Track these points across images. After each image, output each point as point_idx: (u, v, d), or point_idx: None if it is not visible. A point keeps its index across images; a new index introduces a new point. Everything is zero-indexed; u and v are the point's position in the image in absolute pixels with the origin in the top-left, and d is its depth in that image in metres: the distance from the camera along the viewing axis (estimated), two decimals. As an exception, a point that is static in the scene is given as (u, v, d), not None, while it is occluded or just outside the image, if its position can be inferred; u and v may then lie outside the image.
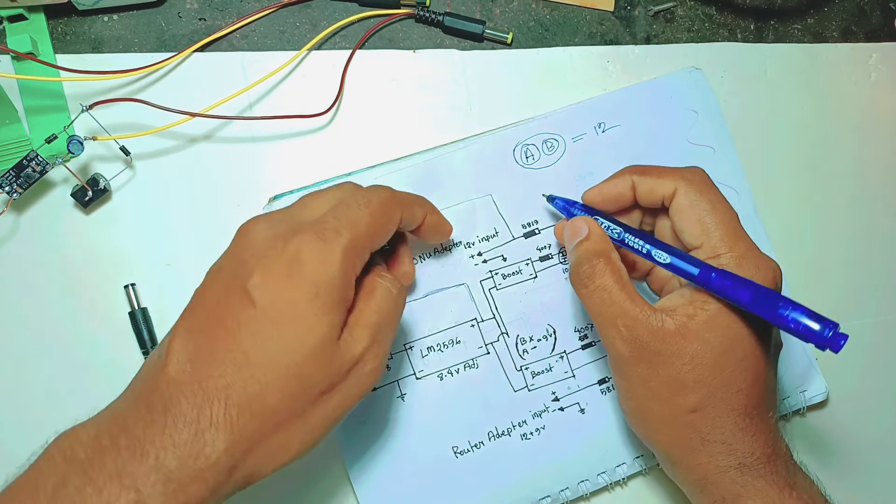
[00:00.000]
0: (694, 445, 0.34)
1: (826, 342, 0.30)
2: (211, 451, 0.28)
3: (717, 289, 0.33)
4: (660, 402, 0.34)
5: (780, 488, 0.33)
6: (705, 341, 0.33)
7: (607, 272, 0.35)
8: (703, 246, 0.35)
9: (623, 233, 0.36)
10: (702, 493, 0.35)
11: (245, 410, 0.29)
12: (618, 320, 0.34)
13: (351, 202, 0.33)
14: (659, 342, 0.33)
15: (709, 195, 0.35)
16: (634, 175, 0.37)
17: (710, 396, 0.33)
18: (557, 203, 0.41)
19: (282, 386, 0.29)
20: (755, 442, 0.34)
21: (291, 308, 0.30)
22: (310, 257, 0.30)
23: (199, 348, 0.29)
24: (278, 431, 0.30)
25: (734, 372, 0.33)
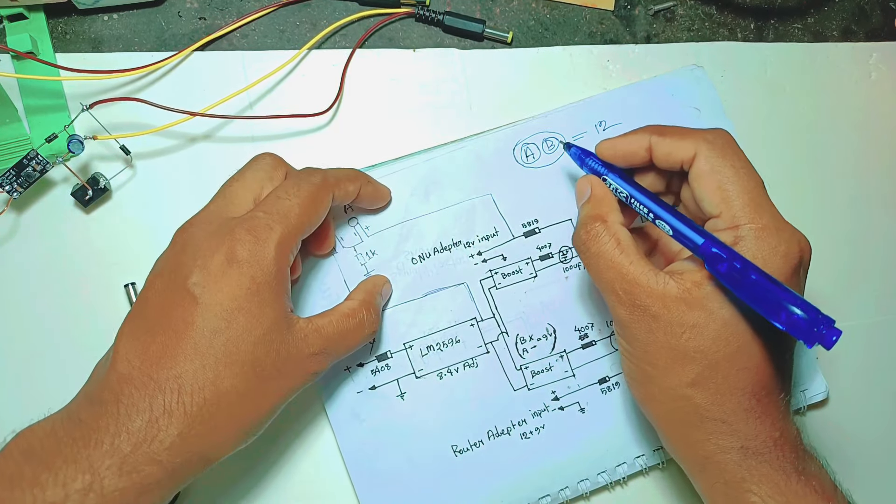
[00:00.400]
0: (691, 420, 0.32)
1: (815, 338, 0.28)
2: (165, 435, 0.29)
3: (710, 265, 0.31)
4: (658, 369, 0.33)
5: (787, 474, 0.31)
6: (710, 311, 0.31)
7: (604, 236, 0.34)
8: (723, 215, 0.32)
9: (631, 195, 0.35)
10: (702, 474, 0.34)
11: (198, 396, 0.30)
12: (615, 284, 0.33)
13: (281, 193, 0.34)
14: (659, 306, 0.32)
15: (732, 160, 0.33)
16: (653, 135, 0.35)
17: (712, 370, 0.31)
18: (573, 152, 0.39)
19: (235, 371, 0.31)
20: (761, 425, 0.32)
21: (234, 302, 0.31)
22: (245, 255, 0.32)
23: (146, 346, 0.31)
24: (232, 414, 0.31)
25: (741, 348, 0.31)
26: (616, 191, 0.36)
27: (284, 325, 0.33)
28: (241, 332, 0.31)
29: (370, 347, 0.41)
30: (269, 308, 0.32)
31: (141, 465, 0.29)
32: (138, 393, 0.30)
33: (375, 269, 0.41)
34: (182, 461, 0.30)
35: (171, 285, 0.32)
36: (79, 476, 0.28)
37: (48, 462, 0.28)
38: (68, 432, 0.29)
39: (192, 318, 0.31)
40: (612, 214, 0.35)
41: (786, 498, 0.31)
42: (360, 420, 0.41)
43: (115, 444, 0.29)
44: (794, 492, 0.31)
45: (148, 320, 0.32)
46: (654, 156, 0.35)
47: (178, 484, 0.31)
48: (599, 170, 0.37)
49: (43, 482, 0.27)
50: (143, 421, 0.29)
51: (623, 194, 0.35)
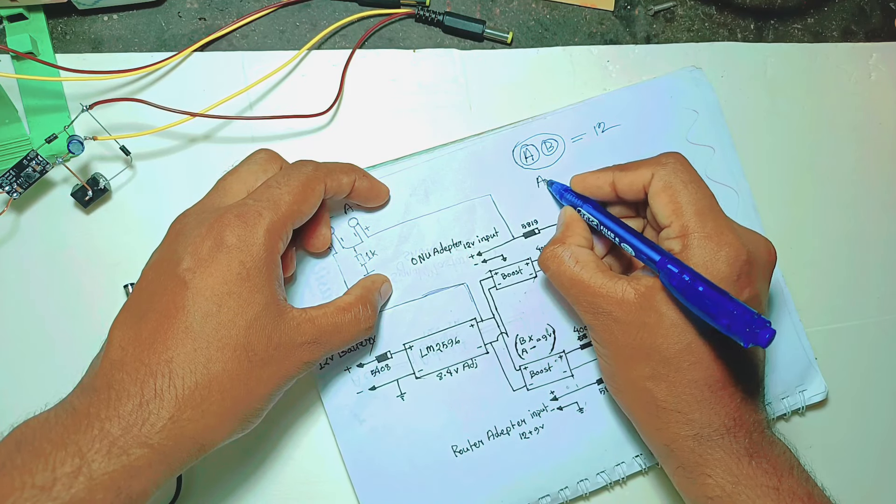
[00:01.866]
0: (651, 410, 0.36)
1: (749, 337, 0.30)
2: (156, 419, 0.30)
3: (664, 279, 0.34)
4: (621, 366, 0.36)
5: (738, 458, 0.34)
6: (660, 313, 0.34)
7: (562, 255, 0.37)
8: (673, 225, 0.36)
9: (601, 223, 0.38)
10: (666, 458, 0.37)
11: (189, 380, 0.30)
12: (578, 296, 0.37)
13: (272, 182, 0.35)
14: (620, 311, 0.35)
15: (682, 175, 0.36)
16: (616, 171, 0.38)
17: (664, 365, 0.35)
18: (555, 188, 0.42)
19: (227, 355, 0.31)
20: (714, 414, 0.34)
21: (224, 286, 0.31)
22: (234, 240, 0.32)
23: (139, 333, 0.31)
24: (224, 398, 0.31)
25: (690, 345, 0.34)
26: (589, 220, 0.39)
27: (276, 312, 0.33)
28: (233, 315, 0.31)
29: (370, 348, 0.41)
30: (259, 293, 0.32)
31: (131, 448, 0.29)
32: (129, 378, 0.30)
33: (375, 269, 0.42)
34: (174, 444, 0.30)
35: (164, 273, 0.32)
36: (68, 460, 0.28)
37: (39, 449, 0.28)
38: (60, 420, 0.29)
39: (182, 302, 0.31)
40: (572, 237, 0.39)
41: (736, 478, 0.34)
42: (360, 420, 0.41)
43: (104, 428, 0.29)
44: (745, 474, 0.34)
45: (140, 307, 0.32)
46: (619, 189, 0.38)
47: (172, 469, 0.31)
48: (575, 202, 0.40)
49: (32, 468, 0.28)
50: (133, 405, 0.29)
51: (594, 222, 0.39)
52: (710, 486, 0.34)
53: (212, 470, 0.42)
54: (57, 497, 0.27)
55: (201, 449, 0.31)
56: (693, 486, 0.35)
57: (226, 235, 0.32)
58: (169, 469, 0.31)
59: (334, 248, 0.41)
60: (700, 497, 0.35)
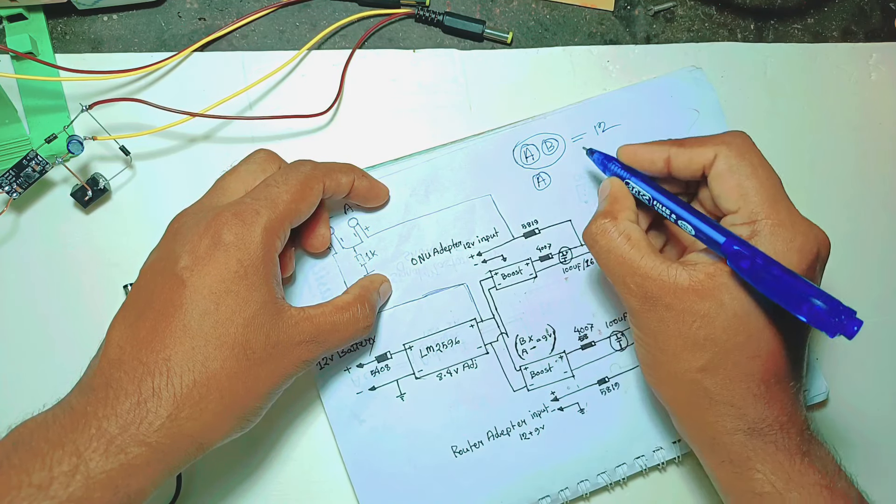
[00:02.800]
0: (701, 403, 0.34)
1: (837, 328, 0.29)
2: (154, 417, 0.30)
3: (733, 262, 0.32)
4: (669, 356, 0.34)
5: (790, 454, 0.33)
6: (721, 303, 0.32)
7: (613, 231, 0.35)
8: (741, 211, 0.34)
9: (653, 197, 0.36)
10: (710, 453, 0.35)
11: (187, 378, 0.30)
12: (626, 277, 0.34)
13: (270, 181, 0.35)
14: (670, 296, 0.33)
15: (750, 158, 0.34)
16: (673, 147, 0.36)
17: (722, 357, 0.33)
18: (596, 157, 0.40)
19: (225, 353, 0.31)
20: (768, 409, 0.33)
21: (222, 285, 0.31)
22: (231, 238, 0.32)
23: (137, 331, 0.31)
24: (222, 397, 0.31)
25: (751, 338, 0.32)
26: (638, 193, 0.37)
27: (274, 310, 0.33)
28: (230, 313, 0.31)
29: (370, 348, 0.41)
30: (256, 291, 0.32)
31: (129, 446, 0.29)
32: (127, 377, 0.30)
33: (375, 269, 0.41)
34: (172, 443, 0.30)
35: (162, 272, 0.32)
36: (65, 459, 0.28)
37: (36, 448, 0.28)
38: (58, 420, 0.29)
39: (180, 300, 0.31)
40: (623, 212, 0.36)
41: (788, 475, 0.33)
42: (360, 421, 0.41)
43: (102, 426, 0.29)
44: (796, 471, 0.33)
45: (138, 306, 0.32)
46: (674, 166, 0.36)
47: (171, 467, 0.31)
48: (622, 174, 0.38)
49: (30, 467, 0.28)
50: (131, 403, 0.29)
51: (646, 197, 0.36)
52: (759, 481, 0.33)
53: (212, 470, 0.42)
54: (54, 496, 0.27)
55: (200, 448, 0.31)
56: (739, 482, 0.34)
57: (223, 234, 0.32)
58: (167, 468, 0.30)
59: (334, 248, 0.41)
60: (747, 493, 0.34)
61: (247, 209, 0.33)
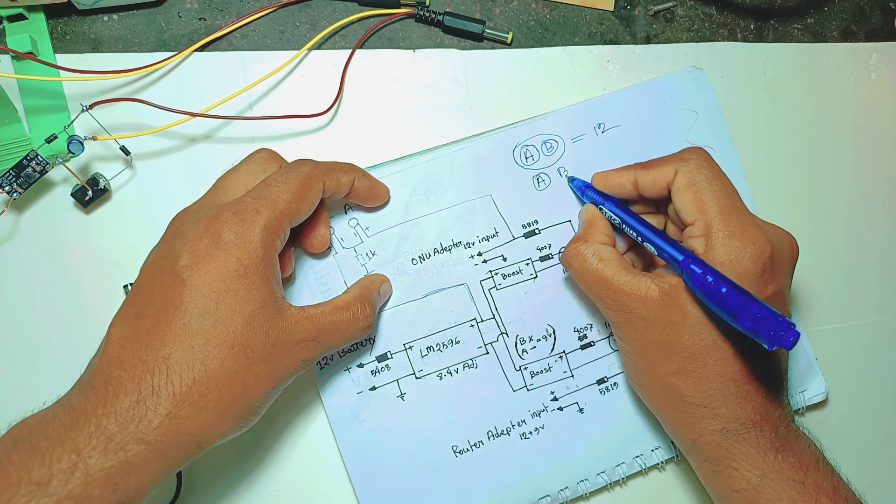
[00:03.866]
0: (677, 406, 0.36)
1: (774, 340, 0.30)
2: (153, 415, 0.30)
3: (686, 280, 0.34)
4: (646, 362, 0.37)
5: (764, 452, 0.34)
6: (686, 310, 0.34)
7: (585, 253, 0.38)
8: (696, 223, 0.36)
9: (623, 221, 0.38)
10: (692, 452, 0.37)
11: (187, 376, 0.30)
12: (602, 293, 0.37)
13: (270, 181, 0.35)
14: (644, 309, 0.35)
15: (705, 172, 0.36)
16: (638, 170, 0.39)
17: (690, 361, 0.35)
18: (576, 185, 0.42)
19: (224, 352, 0.31)
20: (740, 408, 0.35)
21: (221, 283, 0.32)
22: (231, 237, 0.32)
23: (137, 330, 0.31)
24: (222, 396, 0.31)
25: (716, 341, 0.34)
26: (611, 218, 0.40)
27: (273, 309, 0.33)
28: (230, 312, 0.31)
29: (370, 348, 0.41)
30: (256, 290, 0.32)
31: (128, 444, 0.29)
32: (127, 375, 0.30)
33: (375, 269, 0.42)
34: (171, 441, 0.30)
35: (162, 270, 0.32)
36: (64, 456, 0.28)
37: (35, 446, 0.28)
38: (57, 417, 0.29)
39: (180, 299, 0.31)
40: (594, 235, 0.39)
41: (762, 471, 0.34)
42: (360, 421, 0.41)
43: (101, 424, 0.29)
44: (770, 467, 0.34)
45: (139, 305, 0.32)
46: (641, 187, 0.39)
47: (170, 465, 0.31)
48: (596, 199, 0.41)
49: (29, 464, 0.28)
50: (130, 401, 0.30)
51: (616, 220, 0.39)
52: (736, 479, 0.35)
53: (212, 469, 0.42)
54: (53, 493, 0.27)
55: (199, 446, 0.31)
56: (719, 480, 0.36)
57: (223, 232, 0.32)
58: (166, 465, 0.31)
59: (334, 248, 0.41)
60: (726, 490, 0.35)
61: (247, 208, 0.33)
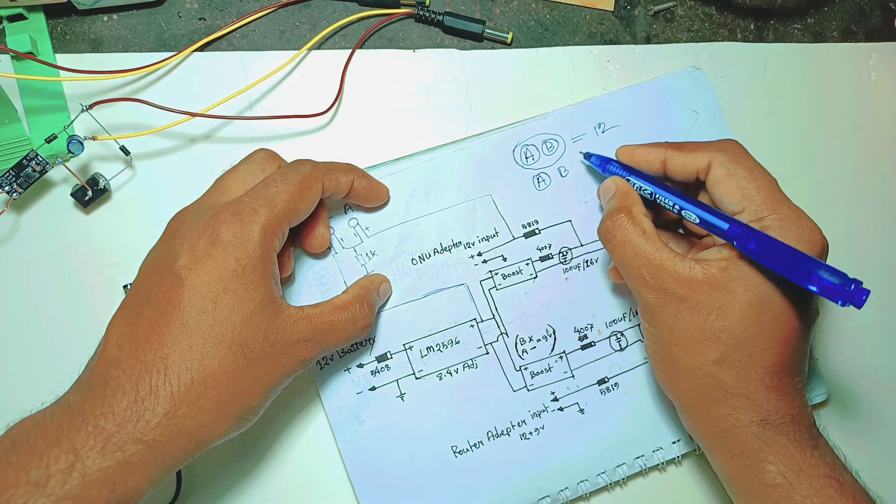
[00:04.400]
0: (715, 396, 0.34)
1: (847, 297, 0.29)
2: (151, 416, 0.30)
3: (740, 244, 0.32)
4: (683, 349, 0.34)
5: (801, 447, 0.33)
6: (734, 294, 0.33)
7: (629, 225, 0.36)
8: (746, 210, 0.35)
9: (655, 192, 0.37)
10: (721, 446, 0.35)
11: (185, 376, 0.30)
12: (642, 270, 0.35)
13: (269, 180, 0.35)
14: (685, 289, 0.34)
15: (745, 162, 0.35)
16: (669, 150, 0.37)
17: (736, 349, 0.33)
18: (593, 160, 0.41)
19: (223, 352, 0.31)
20: (780, 401, 0.34)
21: (219, 283, 0.31)
22: (229, 237, 0.32)
23: (135, 330, 0.31)
24: (220, 395, 0.31)
25: (764, 329, 0.33)
26: (640, 189, 0.38)
27: (272, 309, 0.33)
28: (228, 312, 0.31)
29: (370, 348, 0.41)
30: (254, 290, 0.32)
31: (126, 444, 0.29)
32: (125, 375, 0.30)
33: (375, 269, 0.41)
34: (169, 441, 0.30)
35: (160, 270, 0.32)
36: (62, 457, 0.28)
37: (33, 446, 0.28)
38: (55, 418, 0.29)
39: (178, 299, 0.31)
40: (636, 207, 0.37)
41: (799, 467, 0.33)
42: (360, 421, 0.41)
43: (99, 424, 0.29)
44: (807, 463, 0.33)
45: (137, 305, 0.32)
46: (669, 167, 0.37)
47: (168, 465, 0.31)
48: (621, 173, 0.39)
49: (27, 464, 0.28)
50: (128, 401, 0.29)
51: (647, 192, 0.37)
52: (770, 472, 0.33)
53: (212, 469, 0.42)
54: (51, 493, 0.27)
55: (197, 446, 0.31)
56: (750, 474, 0.34)
57: (221, 232, 0.32)
58: (164, 466, 0.30)
59: (334, 249, 0.41)
60: (758, 485, 0.34)
61: (245, 208, 0.33)
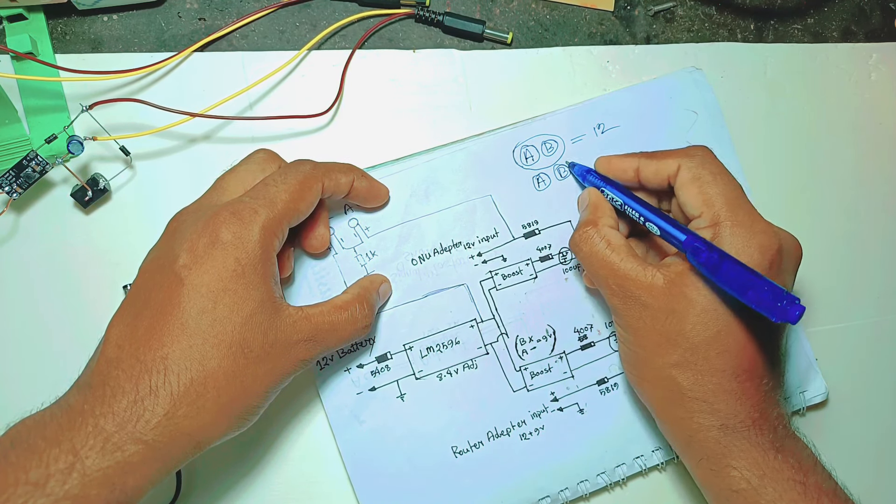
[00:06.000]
0: (675, 399, 0.35)
1: (779, 313, 0.30)
2: (151, 415, 0.30)
3: (691, 256, 0.33)
4: (647, 352, 0.36)
5: (764, 450, 0.34)
6: (689, 299, 0.34)
7: (595, 237, 0.37)
8: (703, 215, 0.35)
9: (625, 203, 0.38)
10: (688, 450, 0.36)
11: (185, 376, 0.30)
12: (608, 279, 0.36)
13: (269, 180, 0.35)
14: (648, 296, 0.35)
15: (710, 167, 0.36)
16: (642, 158, 0.39)
17: (692, 353, 0.34)
18: (577, 170, 0.42)
19: (222, 352, 0.31)
20: (740, 405, 0.34)
21: (219, 283, 0.32)
22: (229, 237, 0.32)
23: (135, 330, 0.31)
24: (220, 395, 0.31)
25: (718, 333, 0.34)
26: (612, 200, 0.39)
27: (271, 309, 0.33)
28: (228, 312, 0.31)
29: (370, 349, 0.41)
30: (254, 290, 0.32)
31: (125, 444, 0.29)
32: (125, 374, 0.30)
33: (375, 269, 0.41)
34: (169, 441, 0.30)
35: (160, 270, 0.32)
36: (61, 457, 0.28)
37: (33, 446, 0.28)
38: (55, 418, 0.29)
39: (178, 298, 0.31)
40: (603, 219, 0.38)
41: (762, 471, 0.34)
42: (360, 421, 0.41)
43: (98, 424, 0.29)
44: (770, 466, 0.34)
45: (137, 305, 0.32)
46: (642, 175, 0.39)
47: (167, 465, 0.31)
48: (598, 183, 0.40)
49: (26, 464, 0.28)
50: (128, 401, 0.30)
51: (618, 202, 0.39)
52: (735, 478, 0.34)
53: (212, 469, 0.42)
54: (51, 493, 0.27)
55: (197, 446, 0.31)
56: (717, 479, 0.35)
57: (221, 232, 0.32)
58: (164, 466, 0.30)
59: (334, 249, 0.41)
60: (724, 490, 0.35)
61: (245, 208, 0.33)
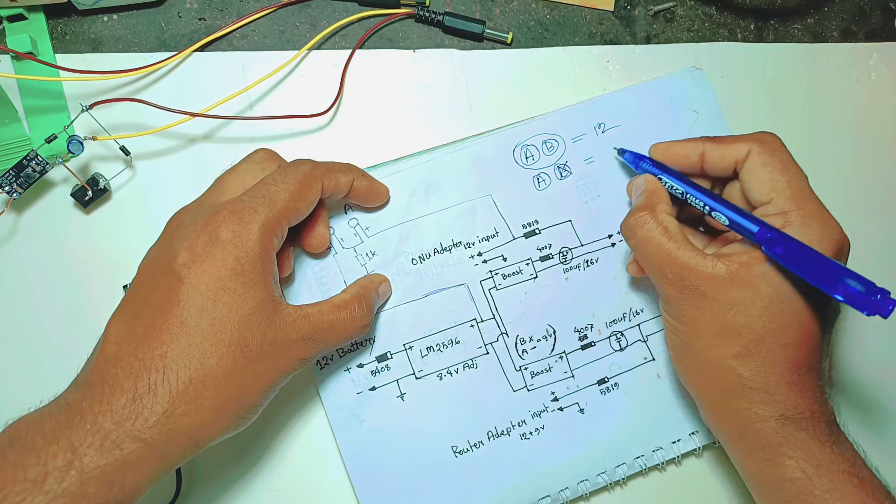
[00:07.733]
0: (734, 390, 0.35)
1: (873, 307, 0.29)
2: (149, 413, 0.30)
3: (767, 248, 0.33)
4: (704, 342, 0.35)
5: (821, 442, 0.34)
6: (757, 290, 0.33)
7: (651, 223, 0.36)
8: (772, 202, 0.35)
9: (686, 192, 0.37)
10: (740, 440, 0.36)
11: (184, 375, 0.30)
12: (664, 267, 0.35)
13: (268, 180, 0.35)
14: (707, 286, 0.34)
15: (781, 156, 0.36)
16: (707, 143, 0.38)
17: (757, 344, 0.34)
18: (627, 157, 0.41)
19: (221, 350, 0.31)
20: (799, 396, 0.34)
21: (218, 282, 0.32)
22: (228, 236, 0.32)
23: (134, 328, 0.31)
24: (219, 394, 0.31)
25: (785, 325, 0.33)
26: (671, 188, 0.38)
27: (271, 308, 0.33)
28: (227, 311, 0.32)
29: (370, 348, 0.41)
30: (253, 289, 0.32)
31: (124, 442, 0.29)
32: (123, 373, 0.30)
33: (375, 269, 0.41)
34: (167, 439, 0.30)
35: (159, 268, 0.33)
36: (60, 454, 0.28)
37: (31, 443, 0.28)
38: (53, 416, 0.29)
39: (177, 297, 0.31)
40: (660, 205, 0.37)
41: (818, 462, 0.33)
42: (360, 421, 0.41)
43: (97, 422, 0.29)
44: (826, 458, 0.33)
45: (136, 303, 0.32)
46: (708, 161, 0.38)
47: (166, 464, 0.31)
48: (653, 171, 0.39)
49: (24, 462, 0.28)
50: (126, 399, 0.30)
51: (678, 191, 0.38)
52: (790, 467, 0.34)
53: (212, 468, 0.42)
54: (49, 490, 0.27)
55: (196, 444, 0.31)
56: (770, 468, 0.34)
57: (220, 231, 0.32)
58: (163, 464, 0.30)
59: (334, 248, 0.41)
60: (777, 479, 0.34)
61: (244, 207, 0.33)
